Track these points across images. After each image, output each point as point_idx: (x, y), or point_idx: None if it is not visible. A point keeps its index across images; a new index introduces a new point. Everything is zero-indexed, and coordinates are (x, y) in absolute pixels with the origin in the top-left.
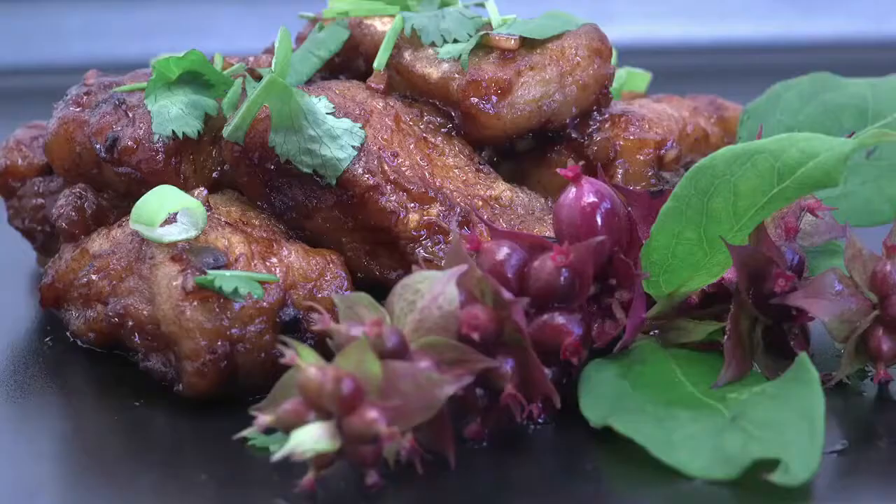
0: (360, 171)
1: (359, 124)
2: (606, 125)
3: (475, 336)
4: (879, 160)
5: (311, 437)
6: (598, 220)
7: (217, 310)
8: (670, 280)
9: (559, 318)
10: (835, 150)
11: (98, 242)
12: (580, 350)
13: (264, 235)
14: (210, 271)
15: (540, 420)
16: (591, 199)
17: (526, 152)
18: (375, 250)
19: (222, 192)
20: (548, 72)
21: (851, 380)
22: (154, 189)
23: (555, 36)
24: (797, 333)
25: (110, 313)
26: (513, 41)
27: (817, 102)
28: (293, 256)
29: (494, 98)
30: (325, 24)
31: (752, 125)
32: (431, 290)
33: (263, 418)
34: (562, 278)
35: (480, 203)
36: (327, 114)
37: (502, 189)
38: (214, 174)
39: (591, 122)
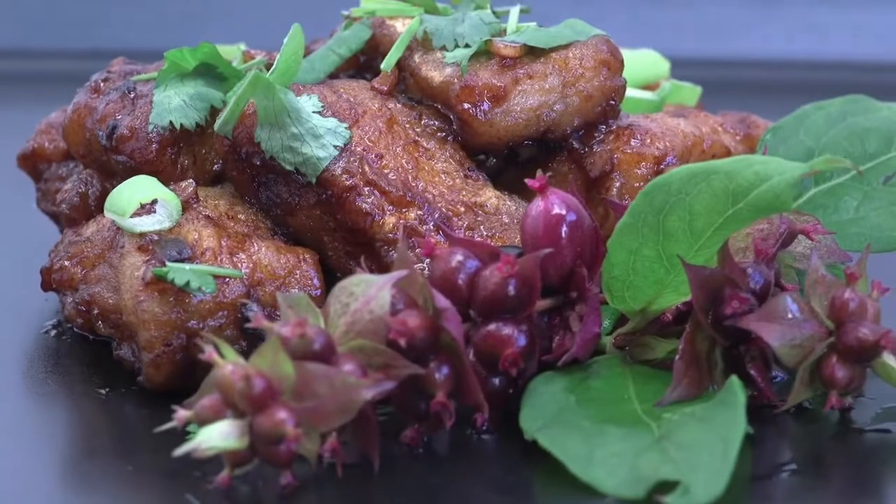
0: (339, 171)
1: (345, 124)
2: (610, 137)
3: (402, 342)
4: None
5: (219, 434)
6: (561, 232)
7: (174, 302)
8: (636, 296)
9: (503, 329)
10: (786, 175)
11: (90, 229)
12: (518, 361)
13: (242, 230)
14: (169, 263)
15: (483, 429)
16: (557, 210)
17: (529, 161)
18: (355, 251)
19: (221, 186)
20: (548, 81)
21: (813, 404)
22: (131, 178)
23: (561, 46)
24: (755, 357)
25: (78, 300)
26: (512, 48)
27: (844, 125)
28: (263, 252)
29: (488, 105)
30: (353, 23)
31: (773, 144)
32: (365, 293)
33: (183, 413)
34: (509, 288)
35: (463, 209)
36: (314, 112)
37: (489, 196)
38: (215, 167)
39: (597, 134)
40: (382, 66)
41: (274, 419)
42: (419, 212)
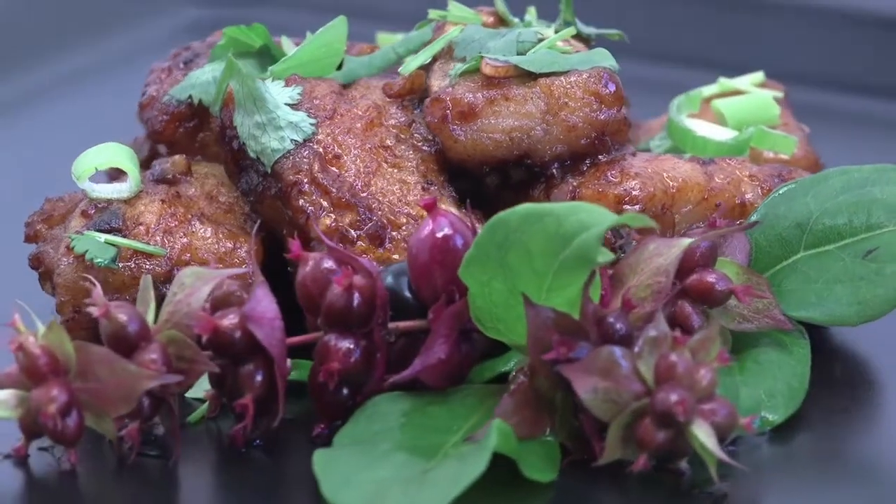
0: (288, 165)
1: (312, 119)
2: (591, 170)
3: (203, 337)
4: (872, 262)
5: None
6: (439, 253)
7: (88, 271)
8: (510, 329)
9: (335, 341)
10: (597, 227)
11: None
12: (334, 374)
13: (200, 212)
14: (87, 232)
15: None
16: (441, 232)
17: (520, 185)
18: (305, 245)
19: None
20: (528, 105)
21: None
22: (99, 145)
23: (555, 73)
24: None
25: (30, 255)
26: (492, 68)
27: (857, 193)
28: (200, 235)
29: (457, 121)
30: (424, 25)
31: (776, 203)
32: (192, 286)
33: None
34: (348, 301)
35: (405, 220)
36: (286, 104)
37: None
38: None
39: (583, 166)
40: (400, 69)
41: (46, 395)
42: (356, 217)
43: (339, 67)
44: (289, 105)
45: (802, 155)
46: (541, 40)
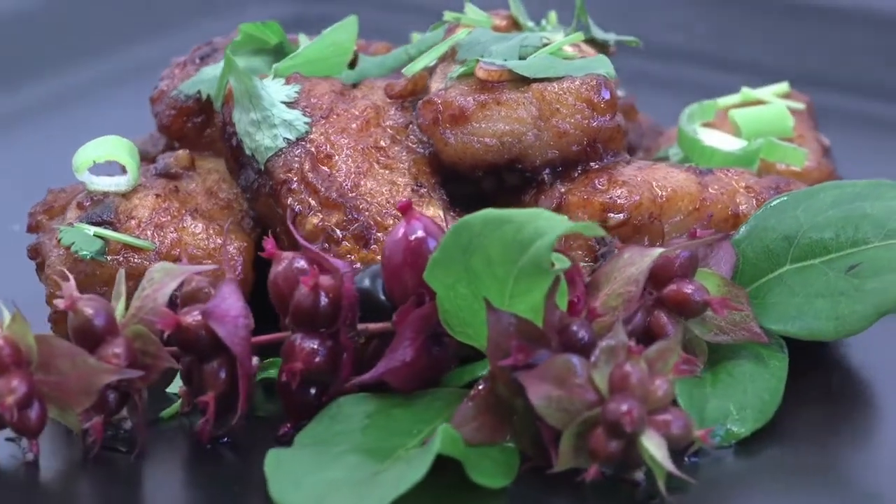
0: (280, 163)
1: (307, 119)
2: (581, 177)
3: (165, 332)
4: (855, 277)
5: None
6: (411, 256)
7: (75, 263)
8: (478, 333)
9: (300, 341)
10: (548, 235)
11: None
12: (297, 374)
13: (194, 207)
14: (77, 224)
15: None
16: (415, 235)
17: (514, 188)
18: (295, 244)
19: None
20: (519, 111)
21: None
22: (101, 137)
23: (549, 78)
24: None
25: (28, 246)
26: (485, 72)
27: (847, 208)
28: (191, 231)
29: (447, 124)
30: (439, 27)
31: (766, 215)
32: (160, 281)
33: None
34: (313, 302)
35: (391, 222)
36: (282, 102)
37: (429, 214)
38: None
39: (575, 173)
40: (404, 70)
41: (6, 385)
42: (342, 217)
43: (354, 66)
44: (285, 103)
45: (815, 167)
46: (546, 45)
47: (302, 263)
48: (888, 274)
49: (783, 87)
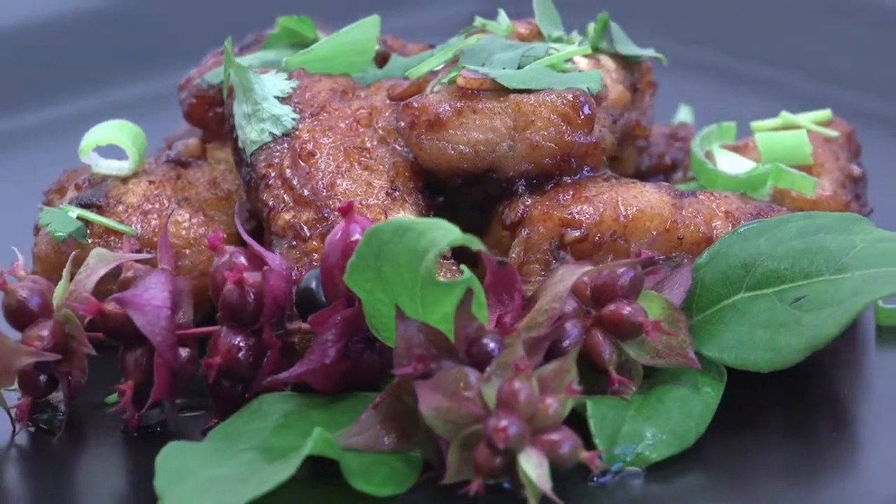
0: (262, 158)
1: (296, 115)
2: (550, 191)
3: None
4: (797, 310)
5: None
6: (344, 258)
7: (62, 245)
8: None
9: (225, 336)
10: (436, 247)
11: None
12: (214, 368)
13: (186, 196)
14: (63, 206)
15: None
16: (352, 237)
17: (495, 198)
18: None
19: None
20: (495, 121)
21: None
22: (109, 122)
23: (529, 89)
24: None
25: (35, 224)
26: (464, 80)
27: (810, 240)
28: (178, 220)
29: (423, 129)
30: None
31: (731, 241)
32: (93, 267)
33: None
34: (237, 297)
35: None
36: (275, 96)
37: (398, 217)
38: None
39: (548, 185)
40: (407, 72)
41: None
42: (313, 215)
43: (382, 66)
44: (278, 98)
45: (830, 196)
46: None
47: (241, 259)
48: (826, 308)
49: (825, 114)
